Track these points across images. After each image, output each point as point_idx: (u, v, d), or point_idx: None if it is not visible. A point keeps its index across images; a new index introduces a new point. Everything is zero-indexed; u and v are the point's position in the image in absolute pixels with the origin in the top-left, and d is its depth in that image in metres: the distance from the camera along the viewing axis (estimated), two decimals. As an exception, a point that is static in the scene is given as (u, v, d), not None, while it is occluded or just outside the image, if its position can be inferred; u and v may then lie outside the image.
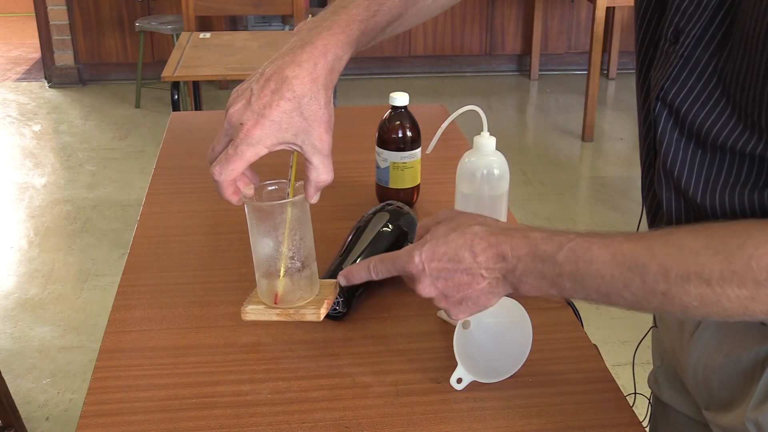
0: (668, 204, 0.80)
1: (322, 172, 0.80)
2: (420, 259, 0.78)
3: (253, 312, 0.83)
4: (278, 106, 0.77)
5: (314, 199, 0.82)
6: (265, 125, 0.77)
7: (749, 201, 0.71)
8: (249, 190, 0.81)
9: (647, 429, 0.85)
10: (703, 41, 0.72)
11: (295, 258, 0.82)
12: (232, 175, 0.78)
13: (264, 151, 0.78)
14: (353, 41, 0.83)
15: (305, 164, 0.81)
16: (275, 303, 0.83)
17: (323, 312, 0.83)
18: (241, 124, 0.78)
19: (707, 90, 0.73)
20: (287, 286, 0.82)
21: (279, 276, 0.82)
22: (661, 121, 0.77)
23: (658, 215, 0.84)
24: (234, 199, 0.81)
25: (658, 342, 1.02)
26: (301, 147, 0.79)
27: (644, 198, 0.87)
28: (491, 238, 0.76)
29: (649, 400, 1.07)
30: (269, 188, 0.83)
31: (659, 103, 0.77)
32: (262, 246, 0.82)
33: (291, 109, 0.78)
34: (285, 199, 0.82)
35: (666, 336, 0.95)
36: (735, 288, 0.65)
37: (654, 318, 1.01)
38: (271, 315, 0.83)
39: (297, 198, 0.81)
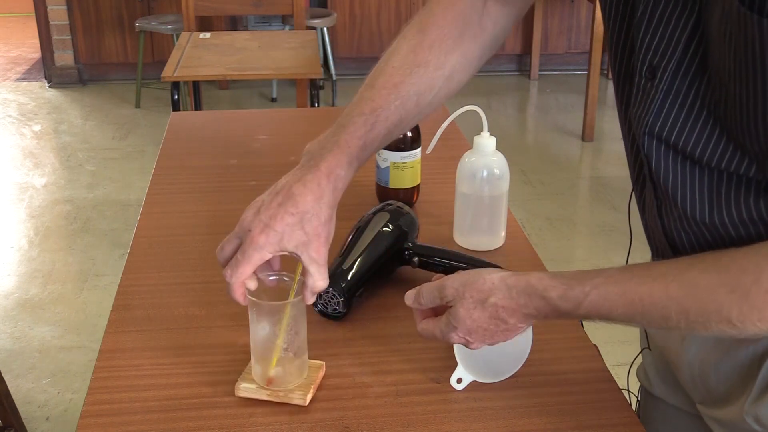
0: (678, 234, 0.80)
1: (317, 280, 0.88)
2: (460, 339, 0.85)
3: (245, 390, 0.89)
4: (282, 219, 0.85)
5: (310, 301, 0.90)
6: (270, 234, 0.85)
7: (755, 211, 0.72)
8: (252, 283, 0.88)
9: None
10: (680, 73, 0.73)
11: (289, 349, 0.89)
12: (242, 277, 0.86)
13: (268, 256, 0.86)
14: (354, 158, 0.90)
15: (304, 270, 0.88)
16: (267, 385, 0.89)
17: (309, 397, 0.88)
18: (249, 230, 0.86)
19: (692, 116, 0.74)
20: (279, 372, 0.89)
21: (272, 363, 0.88)
22: (653, 154, 0.78)
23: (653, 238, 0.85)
24: (242, 300, 0.88)
25: (648, 336, 1.02)
26: (300, 257, 0.87)
27: (645, 228, 0.87)
28: (512, 303, 0.81)
29: (637, 395, 1.07)
30: (271, 278, 0.90)
31: (647, 138, 0.77)
32: (259, 335, 0.89)
33: (293, 222, 0.85)
34: (286, 291, 0.89)
35: (658, 334, 0.96)
36: (756, 322, 0.68)
37: None
38: (262, 395, 0.89)
39: (295, 300, 0.88)
